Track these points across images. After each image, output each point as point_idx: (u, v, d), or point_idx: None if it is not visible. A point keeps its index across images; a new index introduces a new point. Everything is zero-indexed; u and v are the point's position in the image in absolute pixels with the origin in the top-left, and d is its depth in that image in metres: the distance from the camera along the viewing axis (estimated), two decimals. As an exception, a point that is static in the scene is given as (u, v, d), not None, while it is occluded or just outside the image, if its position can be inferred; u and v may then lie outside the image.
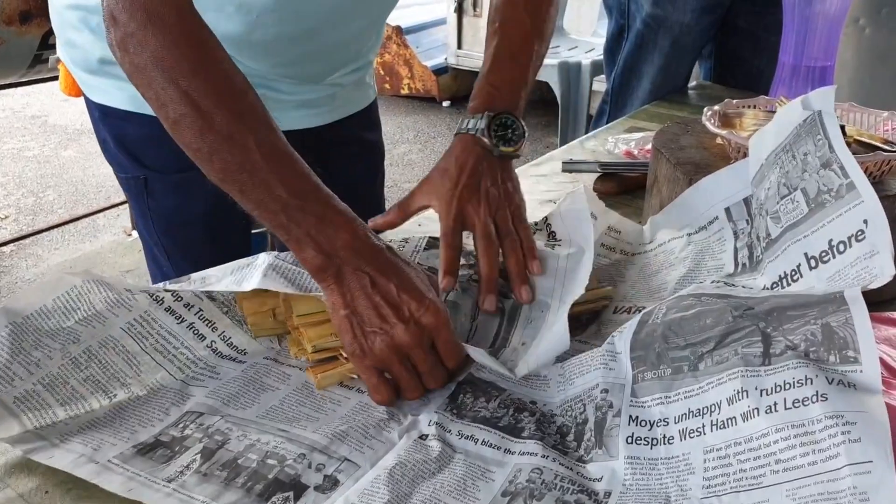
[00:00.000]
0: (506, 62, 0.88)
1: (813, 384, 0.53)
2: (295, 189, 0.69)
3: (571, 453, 0.62)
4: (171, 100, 0.68)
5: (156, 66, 0.68)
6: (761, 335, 0.58)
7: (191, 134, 0.69)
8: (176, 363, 0.71)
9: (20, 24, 2.20)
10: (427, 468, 0.60)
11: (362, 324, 0.67)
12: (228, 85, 0.70)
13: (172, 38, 0.68)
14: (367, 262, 0.69)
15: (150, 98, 0.70)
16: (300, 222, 0.69)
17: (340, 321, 0.68)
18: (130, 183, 1.04)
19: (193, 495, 0.57)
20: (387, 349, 0.67)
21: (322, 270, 0.68)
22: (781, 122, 0.75)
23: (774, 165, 0.74)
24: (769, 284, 0.73)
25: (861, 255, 0.64)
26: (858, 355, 0.54)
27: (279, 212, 0.69)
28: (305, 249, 0.68)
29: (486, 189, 0.81)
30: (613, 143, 1.34)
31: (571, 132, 3.63)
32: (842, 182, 0.66)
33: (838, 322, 0.55)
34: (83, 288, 0.70)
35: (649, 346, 0.64)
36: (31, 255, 2.99)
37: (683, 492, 0.56)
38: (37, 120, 4.52)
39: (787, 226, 0.71)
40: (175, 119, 0.68)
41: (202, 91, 0.68)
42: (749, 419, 0.55)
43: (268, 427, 0.64)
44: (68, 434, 0.63)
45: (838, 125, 0.69)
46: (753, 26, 1.61)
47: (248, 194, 0.69)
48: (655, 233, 0.90)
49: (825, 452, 0.50)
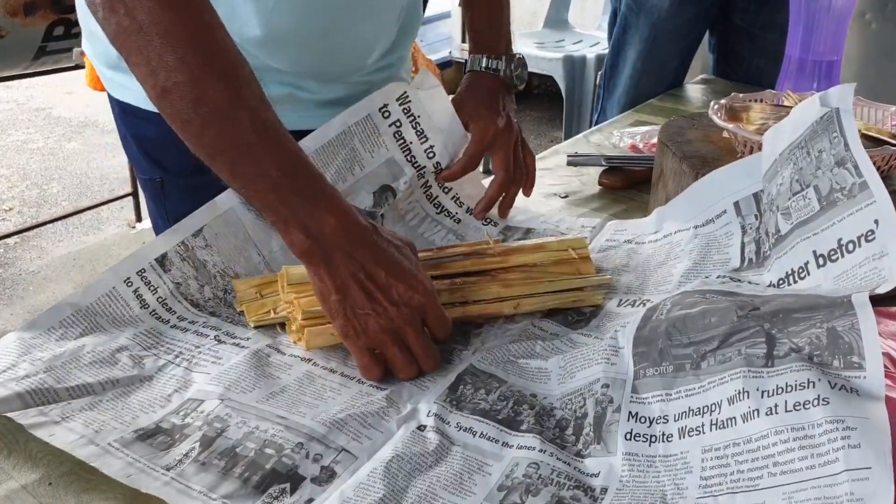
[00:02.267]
0: (495, 6, 1.03)
1: (815, 388, 0.53)
2: (286, 169, 0.68)
3: (570, 447, 0.61)
4: (165, 66, 0.65)
5: (152, 28, 0.64)
6: (765, 336, 0.58)
7: (182, 104, 0.66)
8: (178, 354, 0.72)
9: (24, 16, 2.19)
10: (424, 461, 0.59)
11: (354, 306, 0.67)
12: (225, 55, 0.68)
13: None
14: (356, 246, 0.68)
15: (138, 63, 0.66)
16: (289, 203, 0.67)
17: (331, 305, 0.68)
18: (147, 184, 1.03)
19: (191, 485, 0.57)
20: (380, 330, 0.68)
21: (310, 254, 0.68)
22: (798, 118, 0.74)
23: (788, 161, 0.73)
24: (776, 281, 0.72)
25: (870, 255, 0.63)
26: (863, 361, 0.53)
27: (268, 191, 0.67)
28: (293, 232, 0.67)
29: (508, 121, 0.99)
30: (619, 136, 1.33)
31: (576, 126, 3.63)
32: (855, 181, 0.66)
33: (844, 327, 0.55)
34: (89, 310, 0.74)
35: (652, 343, 0.63)
36: (34, 247, 2.99)
37: (680, 490, 0.55)
38: (41, 112, 4.53)
39: (797, 222, 0.70)
40: (166, 87, 0.65)
41: (198, 59, 0.65)
42: (749, 420, 0.55)
43: (267, 413, 0.64)
44: (70, 414, 0.63)
45: (855, 123, 0.69)
46: (749, 25, 1.61)
47: (238, 171, 0.68)
48: (662, 223, 0.90)
49: (824, 457, 0.50)
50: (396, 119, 0.94)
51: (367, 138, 0.93)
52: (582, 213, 1.07)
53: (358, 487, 0.56)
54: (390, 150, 0.95)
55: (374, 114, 0.93)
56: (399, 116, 0.95)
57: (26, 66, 2.40)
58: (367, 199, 0.93)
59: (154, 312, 0.77)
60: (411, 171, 0.96)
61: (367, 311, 0.67)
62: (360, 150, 0.92)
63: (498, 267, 0.80)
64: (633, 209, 1.07)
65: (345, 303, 0.67)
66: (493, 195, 0.99)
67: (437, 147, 0.97)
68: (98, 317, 0.74)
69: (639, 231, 0.92)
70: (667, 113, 1.45)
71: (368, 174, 0.93)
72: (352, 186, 0.92)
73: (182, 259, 0.79)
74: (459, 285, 0.77)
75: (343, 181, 0.91)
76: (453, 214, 0.99)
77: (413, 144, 0.96)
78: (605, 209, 1.08)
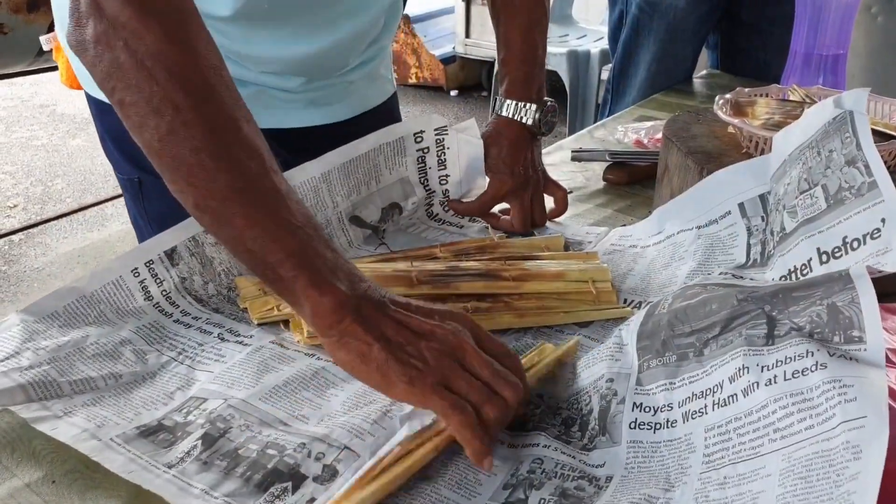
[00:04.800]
0: (527, 44, 1.00)
1: (814, 356, 0.52)
2: (299, 240, 0.60)
3: (575, 443, 0.61)
4: (173, 104, 0.58)
5: (156, 63, 0.58)
6: (766, 318, 0.57)
7: (189, 147, 0.59)
8: (181, 351, 0.72)
9: (27, 13, 2.20)
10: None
11: (402, 344, 0.58)
12: (231, 91, 0.62)
13: (169, 30, 0.59)
14: (384, 298, 0.61)
15: (135, 103, 0.60)
16: (313, 264, 0.59)
17: (377, 362, 0.58)
18: (126, 184, 1.02)
19: (193, 483, 0.57)
20: (440, 354, 0.58)
21: (340, 308, 0.58)
22: (810, 120, 0.73)
23: (797, 161, 0.73)
24: (777, 278, 0.72)
25: (874, 251, 0.63)
26: (864, 334, 0.52)
27: (285, 259, 0.59)
28: (321, 285, 0.58)
29: (526, 176, 0.97)
30: (623, 132, 1.33)
31: (580, 121, 3.62)
32: (864, 180, 0.65)
33: (844, 301, 0.54)
34: (93, 297, 0.73)
35: (655, 335, 0.63)
36: (39, 243, 3.00)
37: (683, 469, 0.55)
38: (45, 109, 4.53)
39: (803, 220, 0.70)
40: (173, 128, 0.59)
41: (202, 94, 0.59)
42: (749, 394, 0.54)
43: (270, 418, 0.63)
44: (73, 409, 0.63)
45: (869, 126, 0.68)
46: (757, 19, 1.60)
47: (249, 231, 0.60)
48: (664, 223, 0.90)
49: (822, 416, 0.49)
50: (426, 146, 0.97)
51: (392, 157, 0.95)
52: (586, 208, 1.06)
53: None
54: (408, 171, 0.97)
55: (407, 136, 0.95)
56: (430, 144, 0.97)
57: (30, 63, 2.41)
58: (375, 214, 0.94)
59: (157, 305, 0.76)
60: (422, 193, 0.98)
61: (416, 341, 0.58)
62: (381, 167, 0.94)
63: (512, 292, 0.78)
64: (638, 205, 1.07)
65: (390, 346, 0.58)
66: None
67: (452, 177, 0.99)
68: (101, 304, 0.73)
69: (642, 234, 0.92)
70: (671, 108, 1.44)
71: (382, 189, 0.95)
72: (364, 199, 0.92)
73: (191, 254, 0.79)
74: (471, 312, 0.75)
75: (357, 193, 0.92)
76: (455, 223, 1.00)
77: (431, 170, 0.98)
78: (609, 205, 1.07)
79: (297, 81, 0.96)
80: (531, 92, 0.99)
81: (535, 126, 0.98)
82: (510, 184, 0.97)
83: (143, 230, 1.05)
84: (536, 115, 0.97)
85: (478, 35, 4.43)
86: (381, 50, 1.06)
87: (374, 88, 1.09)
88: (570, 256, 0.87)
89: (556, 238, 0.92)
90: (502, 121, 0.99)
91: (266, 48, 0.91)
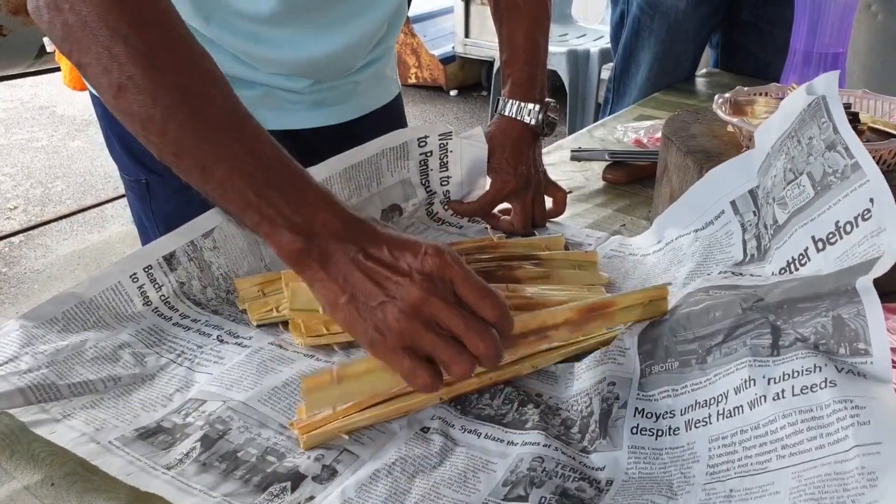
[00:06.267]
0: (531, 45, 1.00)
1: (822, 371, 0.52)
2: (264, 163, 0.59)
3: (575, 444, 0.61)
4: (117, 60, 0.58)
5: (99, 21, 0.58)
6: (771, 328, 0.57)
7: (141, 100, 0.59)
8: (181, 354, 0.72)
9: (27, 15, 2.20)
10: (428, 462, 0.59)
11: (367, 300, 0.56)
12: (182, 41, 0.62)
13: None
14: (353, 237, 0.58)
15: (89, 63, 0.60)
16: (272, 200, 0.58)
17: (344, 313, 0.57)
18: (133, 185, 1.02)
19: (192, 484, 0.56)
20: (403, 316, 0.55)
21: (303, 255, 0.58)
22: (786, 110, 0.74)
23: (780, 152, 0.73)
24: (777, 271, 0.72)
25: (868, 233, 0.63)
26: (869, 347, 0.53)
27: (247, 188, 0.58)
28: (281, 233, 0.58)
29: (528, 175, 0.98)
30: (622, 131, 1.32)
31: (580, 120, 3.62)
32: (847, 162, 0.66)
33: (850, 314, 0.54)
34: (92, 303, 0.73)
35: (657, 341, 0.63)
36: (39, 245, 3.00)
37: (686, 479, 0.55)
38: (45, 111, 4.53)
39: (794, 210, 0.70)
40: (121, 83, 0.58)
41: (153, 47, 0.59)
42: (756, 406, 0.54)
43: (269, 421, 0.63)
44: (71, 412, 0.63)
45: (843, 108, 0.69)
46: (758, 19, 1.60)
47: (209, 172, 0.60)
48: (662, 232, 0.90)
49: (833, 436, 0.50)
50: (430, 150, 0.97)
51: (395, 161, 0.95)
52: (586, 208, 1.06)
53: (360, 488, 0.56)
54: (410, 172, 0.97)
55: (411, 141, 0.95)
56: (433, 148, 0.97)
57: (29, 65, 2.41)
58: (375, 215, 0.93)
59: (157, 310, 0.76)
60: (423, 195, 0.99)
61: (380, 298, 0.56)
62: (383, 170, 0.94)
63: (511, 295, 0.76)
64: (638, 204, 1.07)
65: (355, 302, 0.57)
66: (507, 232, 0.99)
67: (453, 178, 0.99)
68: (100, 310, 0.74)
69: (642, 244, 0.92)
70: (671, 107, 1.44)
71: (383, 191, 0.95)
72: (365, 200, 0.93)
73: (189, 259, 0.79)
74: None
75: (358, 195, 0.92)
76: (455, 223, 1.00)
77: (433, 172, 0.98)
78: (609, 204, 1.07)
79: (304, 82, 0.96)
80: (534, 92, 0.99)
81: (537, 126, 0.98)
82: (513, 183, 0.97)
83: (148, 231, 1.05)
84: (539, 116, 0.98)
85: (477, 35, 4.43)
86: (387, 50, 1.07)
87: (380, 89, 1.10)
88: (571, 256, 0.87)
89: (556, 238, 0.92)
90: (505, 121, 0.99)
91: (280, 49, 0.91)
